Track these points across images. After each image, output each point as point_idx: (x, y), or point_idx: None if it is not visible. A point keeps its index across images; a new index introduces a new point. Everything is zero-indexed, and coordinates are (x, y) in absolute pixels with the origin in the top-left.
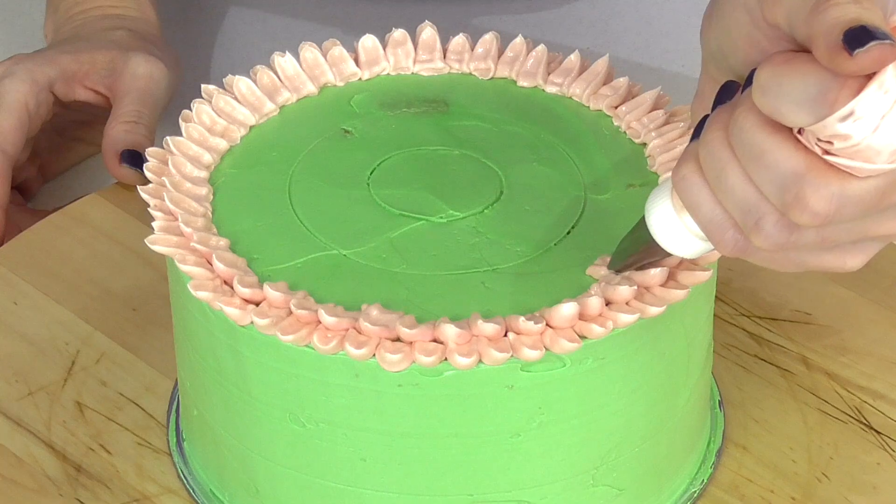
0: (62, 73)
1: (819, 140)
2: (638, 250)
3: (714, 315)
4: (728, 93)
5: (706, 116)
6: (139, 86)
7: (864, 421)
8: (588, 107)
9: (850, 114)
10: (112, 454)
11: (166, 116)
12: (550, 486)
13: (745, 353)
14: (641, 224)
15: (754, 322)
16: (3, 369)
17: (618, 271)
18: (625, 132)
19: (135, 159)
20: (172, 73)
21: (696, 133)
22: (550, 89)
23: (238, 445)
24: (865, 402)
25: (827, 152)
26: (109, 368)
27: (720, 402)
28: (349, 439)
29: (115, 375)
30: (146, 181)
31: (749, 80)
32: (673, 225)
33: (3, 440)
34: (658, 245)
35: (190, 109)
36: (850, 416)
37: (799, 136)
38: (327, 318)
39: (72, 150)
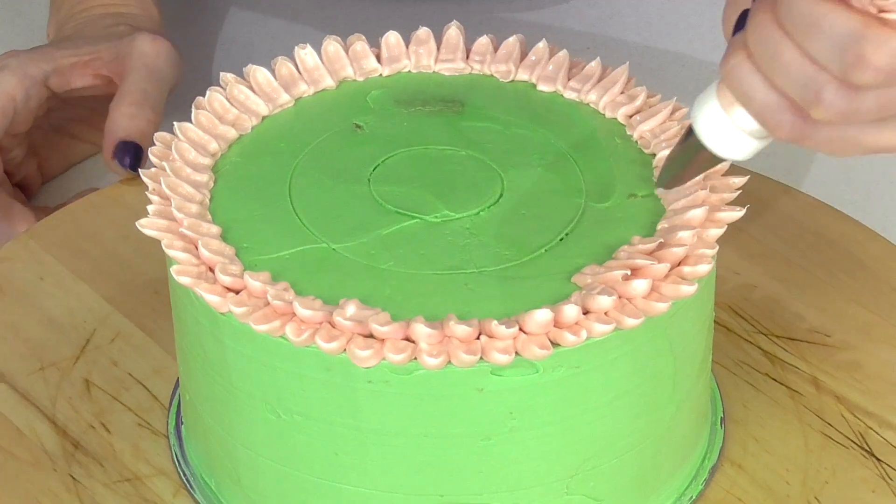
0: (57, 68)
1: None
2: (687, 161)
3: (730, 331)
4: None
5: (745, 13)
6: (146, 62)
7: (866, 447)
8: (604, 114)
9: None
10: (111, 433)
11: (173, 111)
12: (523, 492)
13: (757, 371)
14: (688, 133)
15: (771, 341)
16: (18, 343)
17: (667, 187)
18: (636, 142)
19: (127, 154)
20: (179, 60)
21: (737, 29)
22: (569, 95)
23: (222, 433)
24: (871, 428)
25: (882, 10)
26: (122, 349)
27: (722, 419)
28: (323, 433)
29: (127, 356)
30: (135, 177)
31: None
32: (722, 125)
33: (7, 412)
34: (708, 151)
35: (203, 97)
36: (852, 441)
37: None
38: (301, 311)
39: (70, 148)
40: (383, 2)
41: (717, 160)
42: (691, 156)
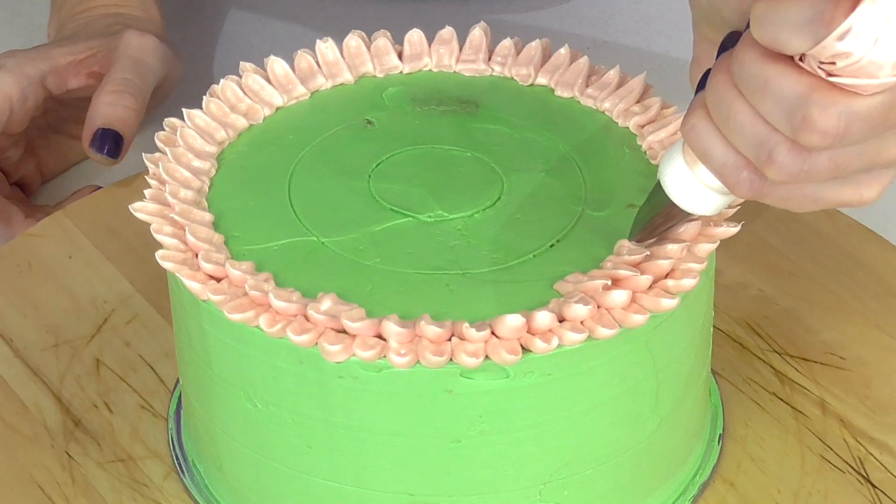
0: (54, 67)
1: (821, 63)
2: (656, 215)
3: (744, 348)
4: (731, 42)
5: (707, 72)
6: (130, 54)
7: (863, 473)
8: (618, 123)
9: (848, 31)
10: (113, 413)
11: (173, 111)
12: (493, 496)
13: (765, 389)
14: (657, 188)
15: (783, 360)
16: (38, 319)
17: (638, 241)
18: (645, 152)
19: (105, 142)
20: (172, 57)
21: (699, 89)
22: (586, 102)
23: (206, 419)
24: (871, 454)
25: (830, 74)
26: (137, 330)
27: (721, 436)
28: (296, 425)
29: (141, 338)
30: (114, 163)
31: (749, 26)
32: (687, 181)
33: (15, 387)
34: (676, 206)
35: (203, 96)
36: (850, 466)
37: (800, 63)
38: (276, 302)
39: (69, 148)
40: (383, 2)
41: (686, 214)
42: (661, 208)
